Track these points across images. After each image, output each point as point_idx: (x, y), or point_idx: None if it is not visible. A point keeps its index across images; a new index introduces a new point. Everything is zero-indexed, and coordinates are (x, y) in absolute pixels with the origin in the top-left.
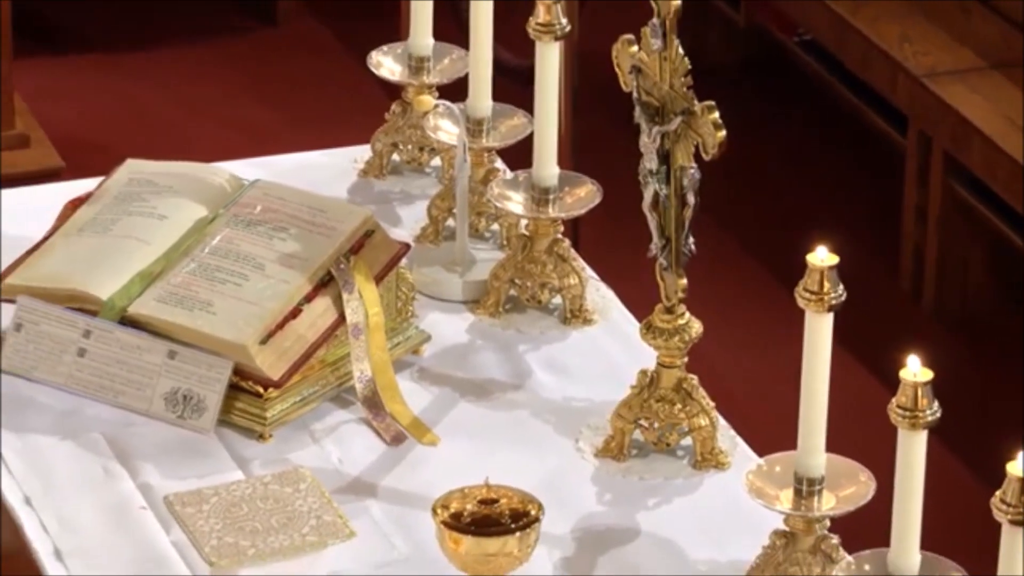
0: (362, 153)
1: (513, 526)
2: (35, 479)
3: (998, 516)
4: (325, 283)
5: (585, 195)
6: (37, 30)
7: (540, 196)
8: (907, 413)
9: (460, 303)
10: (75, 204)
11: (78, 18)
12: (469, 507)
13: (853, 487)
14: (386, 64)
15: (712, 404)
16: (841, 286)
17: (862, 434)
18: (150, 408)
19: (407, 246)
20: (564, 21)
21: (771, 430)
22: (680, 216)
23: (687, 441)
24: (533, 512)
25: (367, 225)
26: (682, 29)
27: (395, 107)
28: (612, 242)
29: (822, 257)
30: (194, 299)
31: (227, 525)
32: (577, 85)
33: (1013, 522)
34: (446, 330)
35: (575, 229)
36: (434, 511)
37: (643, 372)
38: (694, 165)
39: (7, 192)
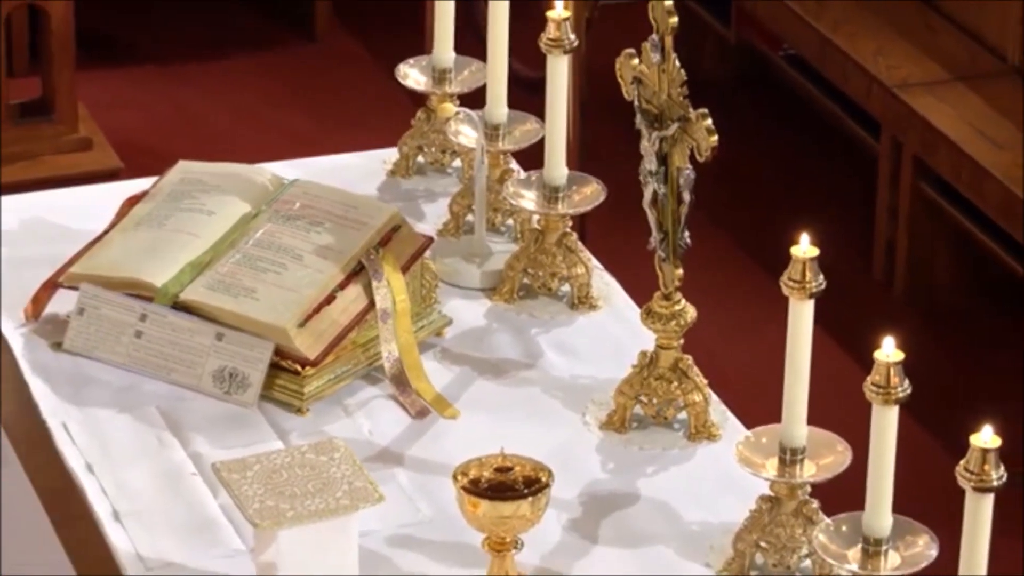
0: (390, 155)
1: (526, 491)
2: (96, 448)
3: (962, 483)
4: (356, 272)
5: (591, 193)
6: (98, 45)
7: (550, 194)
8: (880, 390)
9: (478, 290)
10: (132, 201)
11: (135, 33)
12: (486, 474)
13: (831, 456)
14: (412, 75)
15: (705, 382)
16: (821, 276)
17: (840, 409)
18: (199, 384)
19: (430, 239)
20: (572, 37)
21: (758, 405)
22: (676, 212)
23: (682, 415)
24: (544, 479)
25: (394, 220)
26: (678, 44)
27: (420, 114)
28: (615, 235)
29: (804, 250)
30: (239, 286)
31: (268, 490)
32: (584, 94)
33: (976, 489)
34: (465, 315)
35: (582, 224)
36: (454, 477)
37: (643, 353)
38: (689, 166)
39: (72, 190)
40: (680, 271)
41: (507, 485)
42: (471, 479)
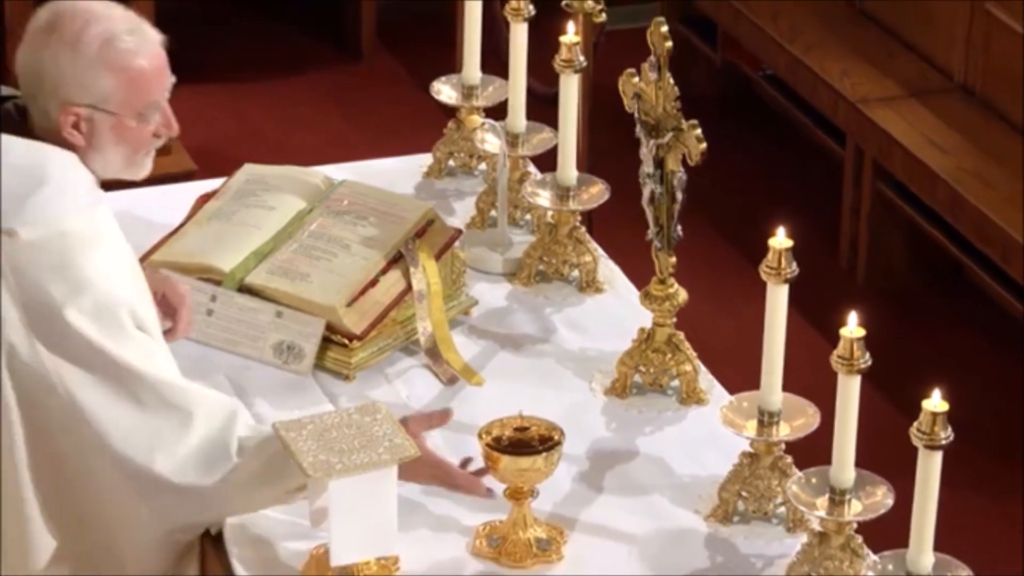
0: (425, 160)
1: (540, 448)
2: None
3: (915, 442)
4: (396, 260)
5: (597, 192)
6: (175, 65)
7: (562, 193)
8: (845, 361)
9: (500, 275)
10: (205, 198)
11: (205, 56)
12: (507, 433)
13: (803, 419)
14: (444, 91)
15: (695, 354)
16: (794, 264)
17: (810, 378)
18: (262, 356)
19: (459, 231)
20: (582, 58)
21: (740, 374)
22: (670, 209)
23: (675, 383)
24: (556, 437)
25: (429, 215)
26: (672, 65)
27: (451, 124)
28: (618, 229)
29: (780, 241)
30: (296, 272)
31: (320, 446)
32: (592, 107)
33: (927, 446)
34: (489, 296)
35: (589, 218)
36: (479, 436)
37: (642, 330)
38: (682, 169)
39: (154, 189)
40: (673, 259)
41: (524, 442)
42: (494, 437)
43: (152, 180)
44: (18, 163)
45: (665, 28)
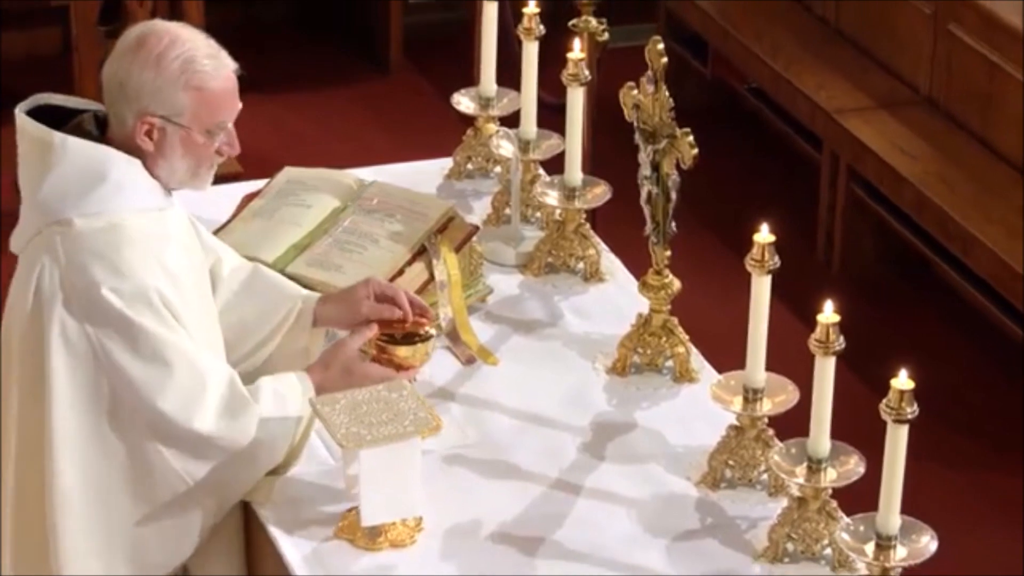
0: (446, 163)
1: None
2: None
3: (884, 416)
4: (420, 253)
5: (600, 192)
6: None
7: (569, 193)
8: (821, 344)
9: (513, 267)
10: (250, 197)
11: (250, 69)
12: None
13: (784, 395)
14: (463, 102)
15: (687, 337)
16: (776, 256)
17: (790, 359)
18: None
19: (477, 227)
20: (586, 73)
21: (727, 356)
22: (666, 208)
23: (670, 363)
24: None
25: (449, 213)
26: (667, 79)
27: (469, 131)
28: (619, 225)
29: (763, 237)
30: (330, 263)
31: (352, 419)
32: (595, 116)
33: (895, 421)
34: (503, 285)
35: (593, 216)
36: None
37: (640, 315)
38: (676, 172)
39: None
40: (668, 253)
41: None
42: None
43: None
44: (84, 163)
45: (661, 46)
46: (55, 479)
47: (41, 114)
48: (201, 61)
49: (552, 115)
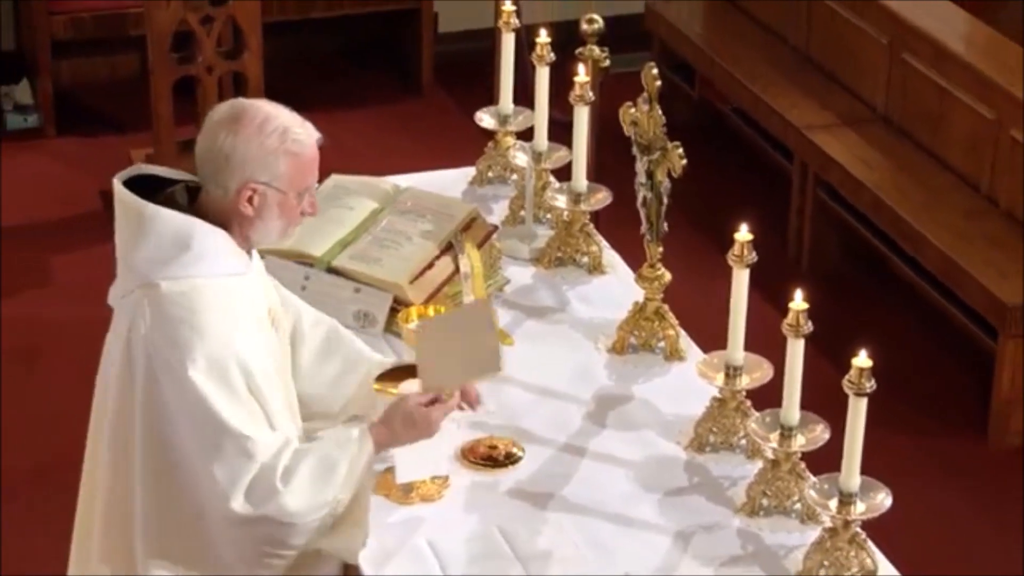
0: (470, 172)
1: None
2: None
3: (846, 390)
4: (447, 248)
5: (602, 197)
6: (276, 98)
7: (575, 197)
8: (793, 328)
9: (528, 261)
10: None
11: (301, 88)
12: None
13: (760, 372)
14: (485, 119)
15: (676, 322)
16: (754, 253)
17: (766, 341)
18: (344, 322)
19: (496, 227)
20: (591, 94)
21: (711, 338)
22: (659, 210)
23: (661, 344)
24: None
25: (472, 214)
26: (660, 99)
27: (490, 144)
28: (619, 225)
29: (743, 236)
30: (370, 257)
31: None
32: (598, 131)
33: (856, 394)
34: (519, 277)
35: (596, 217)
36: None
37: (636, 303)
38: (667, 180)
39: None
40: (660, 249)
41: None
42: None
43: None
44: (172, 233)
45: (655, 71)
46: (134, 506)
47: (138, 183)
48: (295, 130)
49: (561, 130)
